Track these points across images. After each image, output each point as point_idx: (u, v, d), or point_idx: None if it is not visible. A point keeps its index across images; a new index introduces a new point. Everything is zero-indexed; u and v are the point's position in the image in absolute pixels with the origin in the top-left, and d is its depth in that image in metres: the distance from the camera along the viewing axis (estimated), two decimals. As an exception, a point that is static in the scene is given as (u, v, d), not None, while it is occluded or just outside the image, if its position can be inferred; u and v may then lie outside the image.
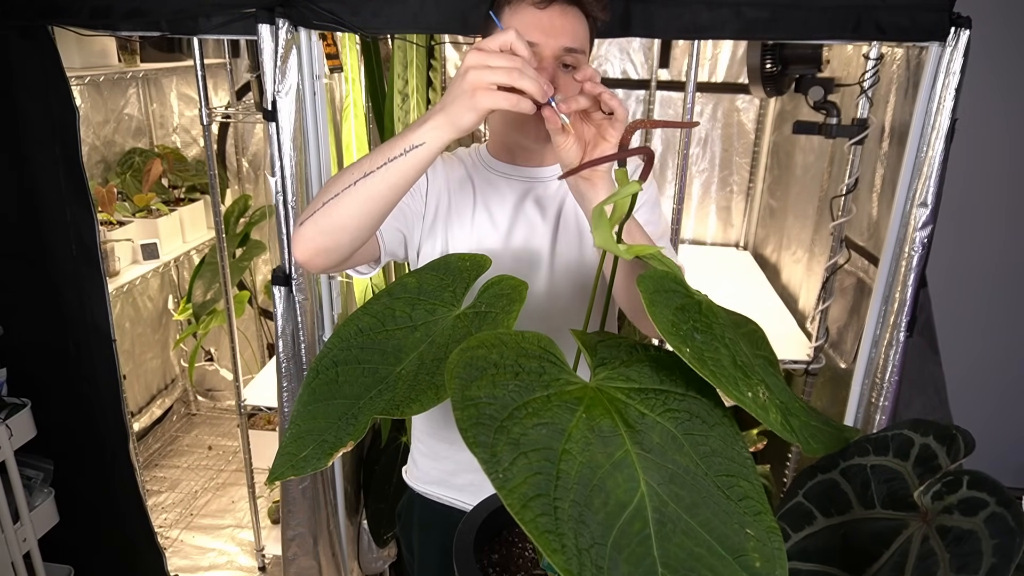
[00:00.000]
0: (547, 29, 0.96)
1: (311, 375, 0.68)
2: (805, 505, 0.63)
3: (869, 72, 1.61)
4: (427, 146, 0.81)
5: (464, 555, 0.71)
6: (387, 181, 0.84)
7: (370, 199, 0.85)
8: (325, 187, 0.90)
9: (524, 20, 0.98)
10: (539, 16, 0.97)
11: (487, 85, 0.77)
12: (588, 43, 1.02)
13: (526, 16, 0.98)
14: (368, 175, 0.84)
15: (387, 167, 0.83)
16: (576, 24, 0.98)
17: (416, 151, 0.81)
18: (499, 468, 0.45)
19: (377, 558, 2.01)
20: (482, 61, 0.77)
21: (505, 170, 1.13)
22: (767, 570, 0.45)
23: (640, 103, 2.72)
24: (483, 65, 0.77)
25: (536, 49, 0.97)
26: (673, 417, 0.52)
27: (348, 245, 0.90)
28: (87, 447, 1.76)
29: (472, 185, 1.13)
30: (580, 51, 0.99)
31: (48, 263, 1.58)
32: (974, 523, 0.50)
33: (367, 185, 0.84)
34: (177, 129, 3.20)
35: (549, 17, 0.97)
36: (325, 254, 0.90)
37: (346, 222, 0.87)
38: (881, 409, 1.54)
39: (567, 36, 0.97)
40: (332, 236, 0.88)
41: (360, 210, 0.86)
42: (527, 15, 0.98)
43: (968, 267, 2.64)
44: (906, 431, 0.60)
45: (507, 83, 0.77)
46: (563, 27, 0.97)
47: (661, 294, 0.57)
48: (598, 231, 0.67)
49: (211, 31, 1.37)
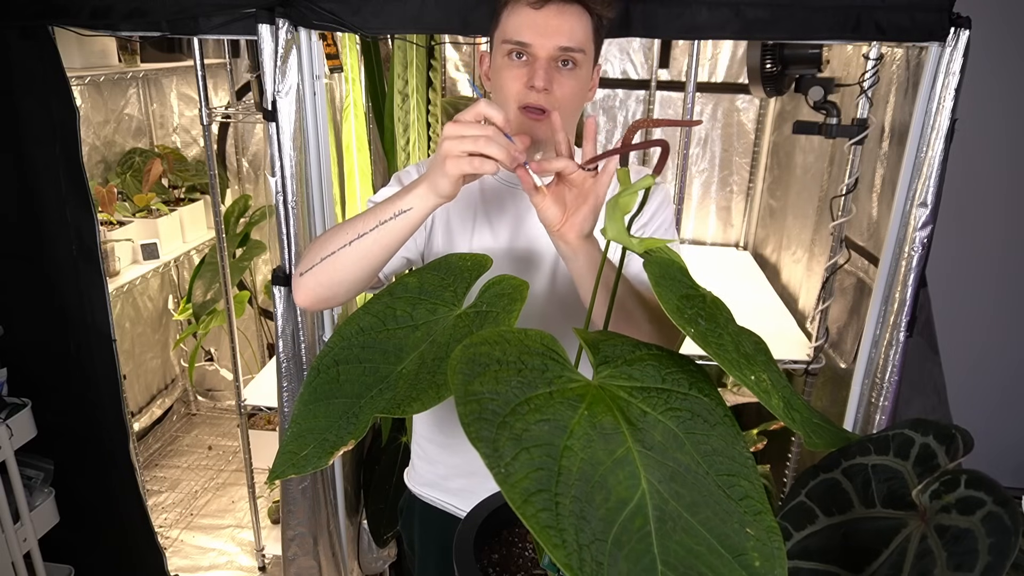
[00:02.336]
0: (542, 29, 0.97)
1: (312, 374, 0.68)
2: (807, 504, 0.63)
3: (869, 72, 1.61)
4: (414, 211, 0.88)
5: (464, 555, 0.71)
6: (379, 242, 0.91)
7: (364, 258, 0.93)
8: (322, 241, 0.97)
9: (520, 20, 0.98)
10: (534, 16, 0.97)
11: (458, 153, 0.82)
12: (591, 42, 1.02)
13: (522, 16, 0.98)
14: (362, 236, 0.91)
15: (378, 229, 0.90)
16: (574, 23, 0.98)
17: (405, 215, 0.89)
18: (501, 463, 0.45)
19: (377, 558, 2.01)
20: (456, 132, 0.83)
21: (508, 178, 1.13)
22: (766, 569, 0.45)
23: (640, 103, 2.72)
24: (456, 135, 0.82)
25: (531, 49, 0.98)
26: (675, 416, 0.52)
27: (346, 294, 0.99)
28: (87, 447, 1.76)
29: (474, 194, 1.14)
30: (578, 50, 0.99)
31: (48, 263, 1.58)
32: (971, 522, 0.50)
33: (361, 245, 0.92)
34: (177, 129, 3.20)
35: (544, 17, 0.97)
36: (325, 301, 1.00)
37: (343, 277, 0.95)
38: (881, 409, 1.54)
39: (563, 36, 0.97)
40: (330, 289, 0.97)
41: (356, 267, 0.94)
42: (523, 15, 0.98)
43: (968, 267, 2.64)
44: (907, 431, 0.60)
45: (476, 151, 0.81)
46: (559, 27, 0.97)
47: (667, 279, 0.57)
48: (611, 223, 0.68)
49: (211, 31, 1.37)
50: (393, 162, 1.91)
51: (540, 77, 0.97)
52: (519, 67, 0.99)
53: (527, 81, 0.98)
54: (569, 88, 1.00)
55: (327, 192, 1.52)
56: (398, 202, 0.89)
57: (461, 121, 0.83)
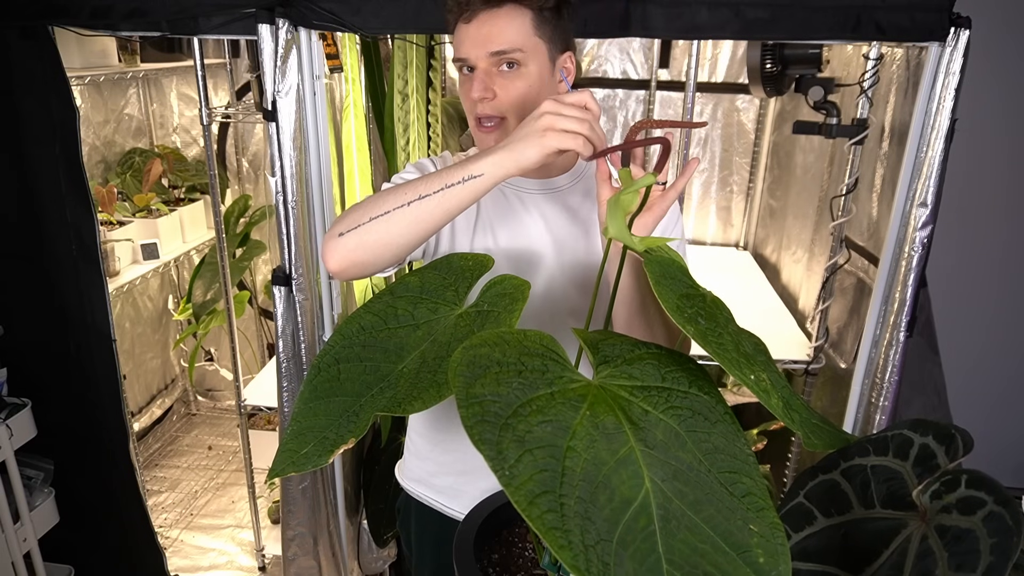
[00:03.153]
0: (473, 40, 1.00)
1: (313, 372, 0.68)
2: (806, 505, 0.63)
3: (869, 72, 1.61)
4: (485, 177, 0.85)
5: (464, 555, 0.71)
6: (442, 206, 0.87)
7: (422, 221, 0.88)
8: (370, 202, 0.91)
9: (459, 38, 1.02)
10: (467, 30, 1.00)
11: (559, 128, 0.81)
12: (533, 35, 1.00)
13: (459, 33, 1.02)
14: (424, 198, 0.87)
15: (444, 192, 0.86)
16: (504, 25, 0.99)
17: (474, 181, 0.85)
18: (505, 465, 0.45)
19: (377, 558, 2.01)
20: (557, 109, 0.82)
21: (512, 180, 1.13)
22: (771, 565, 0.45)
23: (640, 103, 2.72)
24: (557, 112, 0.82)
25: (470, 62, 1.01)
26: (676, 414, 0.52)
27: (388, 261, 0.93)
28: (87, 447, 1.76)
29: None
30: (514, 50, 0.99)
31: (48, 263, 1.58)
32: (972, 522, 0.50)
33: (421, 207, 0.87)
34: (177, 129, 3.20)
35: (476, 28, 0.99)
36: (361, 267, 0.93)
37: (394, 239, 0.89)
38: (881, 409, 1.54)
39: (492, 41, 0.99)
40: (375, 251, 0.91)
41: (410, 230, 0.89)
42: (460, 32, 1.01)
43: (968, 267, 2.64)
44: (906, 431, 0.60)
45: (577, 130, 0.81)
46: (488, 34, 0.99)
47: (667, 279, 0.58)
48: (612, 222, 0.68)
49: (211, 31, 1.37)
50: (393, 162, 1.91)
51: (476, 88, 1.00)
52: (467, 82, 1.02)
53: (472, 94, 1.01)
54: (516, 89, 1.01)
55: (327, 192, 1.52)
56: (469, 166, 0.85)
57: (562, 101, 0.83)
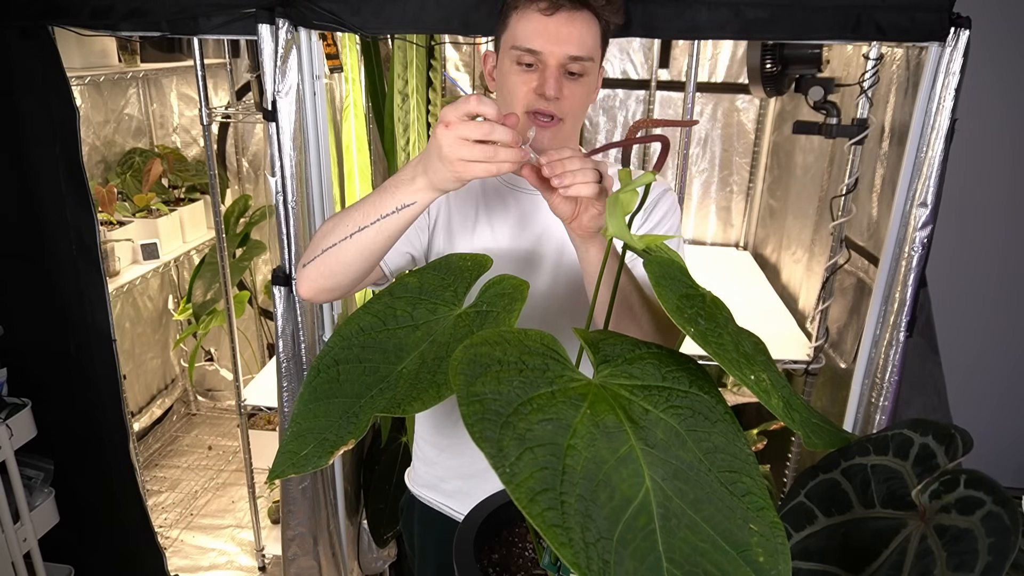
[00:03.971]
0: (552, 37, 0.97)
1: (312, 373, 0.68)
2: (806, 505, 0.63)
3: (869, 72, 1.61)
4: (417, 205, 0.88)
5: (464, 555, 0.71)
6: (382, 234, 0.91)
7: (366, 248, 0.93)
8: (322, 233, 0.97)
9: (529, 27, 0.98)
10: (545, 23, 0.97)
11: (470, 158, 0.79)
12: (599, 48, 1.02)
13: (532, 23, 0.98)
14: (362, 229, 0.92)
15: (380, 223, 0.90)
16: (584, 30, 0.98)
17: (407, 209, 0.89)
18: (506, 463, 0.46)
19: (377, 558, 2.01)
20: (456, 134, 0.78)
21: (510, 178, 1.13)
22: (771, 565, 0.45)
23: (640, 103, 2.72)
24: (457, 139, 0.78)
25: (540, 57, 0.98)
26: (676, 413, 0.52)
27: (349, 284, 1.00)
28: (87, 447, 1.76)
29: (475, 194, 1.14)
30: (587, 59, 0.99)
31: (48, 263, 1.58)
32: (971, 522, 0.50)
33: (362, 238, 0.92)
34: (177, 129, 3.20)
35: (556, 24, 0.96)
36: (328, 292, 1.00)
37: (347, 267, 0.96)
38: (881, 409, 1.54)
39: (573, 44, 0.97)
40: (334, 278, 0.98)
41: (357, 258, 0.95)
42: (533, 22, 0.98)
43: (968, 267, 2.64)
44: (906, 431, 0.60)
45: (483, 159, 0.78)
46: (569, 35, 0.97)
47: (667, 279, 0.58)
48: (612, 220, 0.68)
49: (211, 31, 1.37)
50: (393, 162, 1.91)
51: (551, 86, 0.97)
52: (528, 73, 0.99)
53: (537, 88, 0.98)
54: (578, 96, 1.01)
55: (327, 192, 1.52)
56: (399, 195, 0.88)
57: (456, 121, 0.78)
